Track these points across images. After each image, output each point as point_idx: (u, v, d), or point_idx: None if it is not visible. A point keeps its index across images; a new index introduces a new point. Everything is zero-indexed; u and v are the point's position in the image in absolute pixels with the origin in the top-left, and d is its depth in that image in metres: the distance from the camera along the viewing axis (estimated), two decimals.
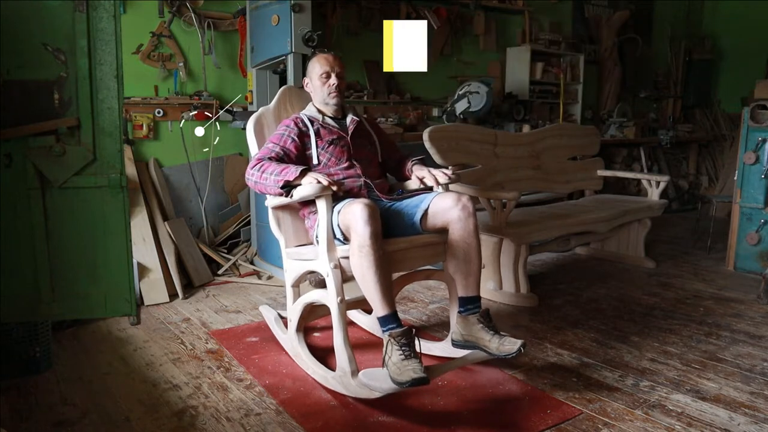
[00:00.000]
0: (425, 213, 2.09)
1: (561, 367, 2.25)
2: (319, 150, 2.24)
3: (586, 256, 4.07)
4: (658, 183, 3.83)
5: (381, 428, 1.80)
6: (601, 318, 2.80)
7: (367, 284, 1.87)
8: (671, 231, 4.97)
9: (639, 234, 3.81)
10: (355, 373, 1.93)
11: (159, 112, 3.46)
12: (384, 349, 1.84)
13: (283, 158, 2.16)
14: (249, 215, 3.72)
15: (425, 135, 2.98)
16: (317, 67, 2.30)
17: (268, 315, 2.57)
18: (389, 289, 1.90)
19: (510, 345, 1.92)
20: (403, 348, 1.79)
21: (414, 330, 1.87)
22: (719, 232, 4.26)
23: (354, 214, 1.87)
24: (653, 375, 2.18)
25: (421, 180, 2.29)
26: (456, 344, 2.11)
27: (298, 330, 2.30)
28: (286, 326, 2.40)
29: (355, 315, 2.71)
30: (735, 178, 3.73)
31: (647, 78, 6.38)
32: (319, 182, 1.94)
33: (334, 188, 1.96)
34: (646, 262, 3.79)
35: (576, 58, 5.36)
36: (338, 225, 2.01)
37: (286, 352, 2.34)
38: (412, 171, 2.36)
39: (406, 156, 2.47)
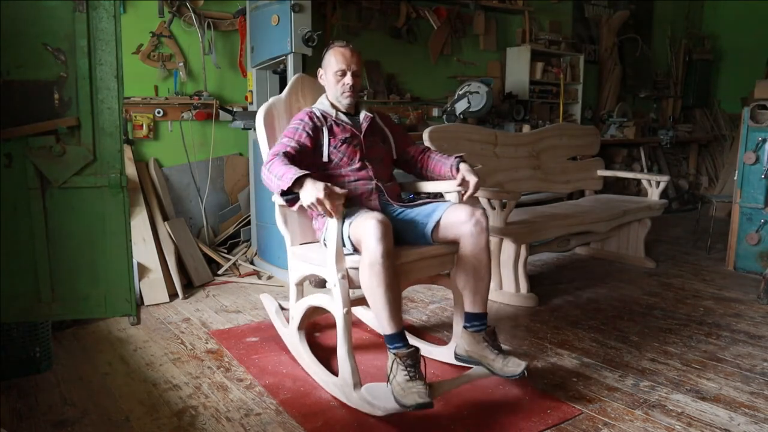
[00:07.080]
0: (437, 224, 2.05)
1: (561, 367, 2.25)
2: (331, 148, 2.16)
3: (586, 256, 4.06)
4: (658, 183, 3.83)
5: (380, 428, 1.80)
6: (601, 318, 2.80)
7: (376, 302, 1.84)
8: (671, 231, 4.97)
9: (639, 234, 3.82)
10: (357, 385, 1.90)
11: (159, 112, 3.46)
12: (389, 366, 1.82)
13: (299, 152, 2.05)
14: (249, 215, 3.72)
15: (425, 135, 2.98)
16: (333, 62, 2.19)
17: (269, 306, 2.54)
18: (398, 308, 1.86)
19: (514, 367, 1.90)
20: (408, 369, 1.77)
21: (420, 351, 1.84)
22: (719, 232, 4.26)
23: (366, 230, 1.81)
24: (653, 375, 2.18)
25: (462, 181, 2.14)
26: (459, 358, 2.09)
27: (299, 328, 2.29)
28: (287, 319, 2.37)
29: (359, 311, 2.69)
30: (735, 178, 3.73)
31: (647, 78, 6.37)
32: (319, 201, 1.78)
33: (329, 206, 1.80)
34: (646, 262, 3.79)
35: (576, 58, 5.36)
36: (349, 237, 1.95)
37: (287, 352, 2.34)
38: (457, 169, 2.20)
39: (428, 149, 2.38)
